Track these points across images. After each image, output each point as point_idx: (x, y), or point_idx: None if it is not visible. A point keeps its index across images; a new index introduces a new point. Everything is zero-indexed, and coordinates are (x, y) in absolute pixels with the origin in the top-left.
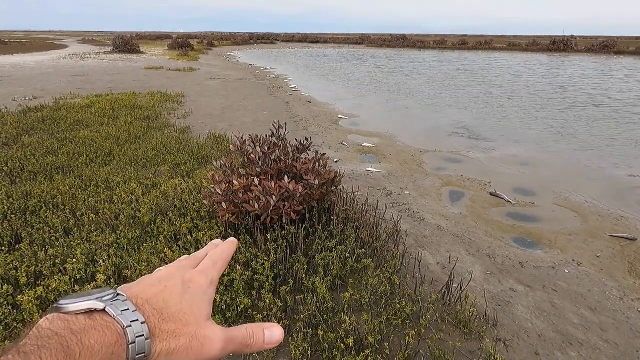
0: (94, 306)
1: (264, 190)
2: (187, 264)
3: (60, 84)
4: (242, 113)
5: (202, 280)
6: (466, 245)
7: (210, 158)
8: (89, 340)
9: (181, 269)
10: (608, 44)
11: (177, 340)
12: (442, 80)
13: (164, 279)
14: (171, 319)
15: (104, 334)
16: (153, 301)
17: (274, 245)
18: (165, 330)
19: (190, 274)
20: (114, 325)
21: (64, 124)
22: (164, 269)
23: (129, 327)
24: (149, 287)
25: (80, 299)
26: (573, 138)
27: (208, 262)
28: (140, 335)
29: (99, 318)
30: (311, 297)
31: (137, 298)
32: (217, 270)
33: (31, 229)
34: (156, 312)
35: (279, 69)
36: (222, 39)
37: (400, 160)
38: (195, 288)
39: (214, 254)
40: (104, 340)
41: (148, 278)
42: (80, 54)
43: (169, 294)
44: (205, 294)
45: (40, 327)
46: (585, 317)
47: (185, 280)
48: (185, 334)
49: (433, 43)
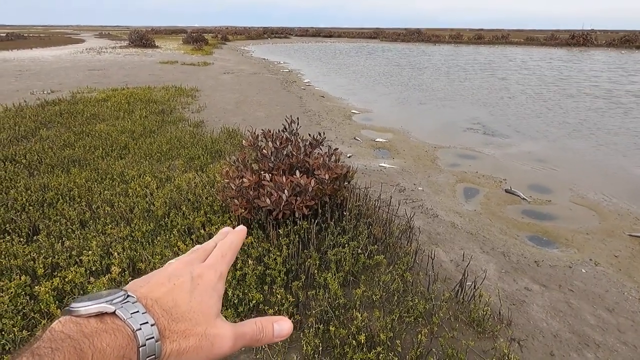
0: (105, 309)
1: (276, 185)
2: (195, 257)
3: (77, 78)
4: (255, 107)
5: (211, 275)
6: (480, 243)
7: (223, 152)
8: (101, 343)
9: (190, 264)
10: (629, 38)
11: (187, 341)
12: (457, 75)
13: (173, 276)
14: (181, 319)
15: (115, 337)
16: (162, 301)
17: (286, 240)
18: (175, 330)
19: (199, 269)
20: (124, 329)
21: (80, 118)
22: (174, 264)
23: (139, 330)
24: (158, 285)
25: (91, 302)
26: (590, 134)
27: (217, 255)
28: (150, 337)
29: (110, 321)
30: (323, 292)
31: (146, 299)
32: (226, 262)
33: (48, 220)
34: (165, 312)
35: (293, 63)
36: (236, 33)
37: (414, 156)
38: (204, 284)
39: (223, 245)
40: (115, 344)
41: (157, 275)
42: (97, 49)
43: (178, 293)
44: (215, 290)
45: (53, 330)
46: (602, 318)
47: (194, 277)
48: (195, 334)
49: (448, 37)
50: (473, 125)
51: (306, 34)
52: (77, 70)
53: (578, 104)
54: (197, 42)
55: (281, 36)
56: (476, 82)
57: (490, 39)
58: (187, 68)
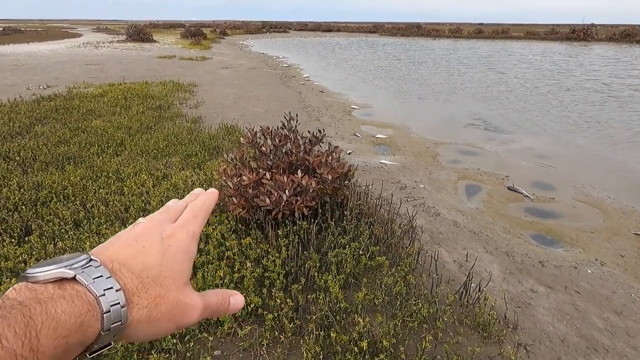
0: (63, 275)
1: (276, 185)
2: (165, 217)
3: (73, 73)
4: (254, 103)
5: (183, 236)
6: (483, 242)
7: (221, 149)
8: (55, 310)
9: (160, 224)
10: (630, 32)
11: (159, 308)
12: (457, 69)
13: (141, 236)
14: (152, 284)
15: (73, 303)
16: (131, 264)
17: (285, 241)
18: (145, 297)
19: (170, 229)
20: (85, 295)
21: (76, 114)
22: (141, 225)
23: (102, 295)
24: (125, 247)
25: (50, 267)
26: (590, 128)
27: (189, 215)
28: (115, 303)
29: (69, 287)
30: (323, 296)
31: (112, 262)
32: (199, 223)
33: (41, 220)
34: (134, 276)
35: (292, 58)
36: (234, 28)
37: (415, 153)
38: (175, 246)
39: (195, 205)
40: (72, 310)
41: (123, 235)
42: (94, 43)
43: (148, 255)
44: (187, 253)
45: (5, 297)
46: (610, 321)
47: (164, 237)
48: (166, 301)
49: (448, 32)
50: (474, 121)
51: (305, 29)
52: (73, 65)
53: (577, 98)
54: (195, 37)
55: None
56: (476, 76)
57: (490, 33)
58: (185, 63)
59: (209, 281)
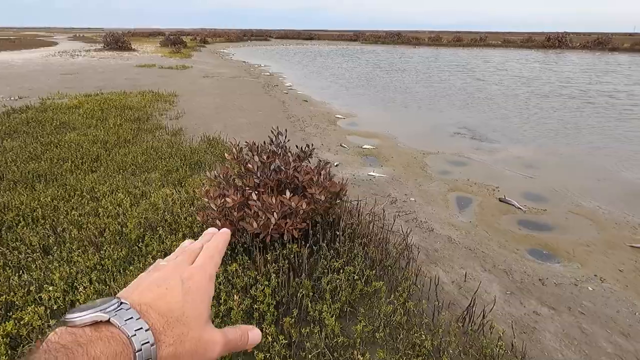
0: (99, 318)
1: (264, 206)
2: (183, 259)
3: (48, 83)
4: (237, 113)
5: (201, 278)
6: (480, 260)
7: (203, 163)
8: (95, 351)
9: (178, 267)
10: (602, 40)
11: (183, 346)
12: (438, 77)
13: (164, 279)
14: (176, 323)
15: (109, 344)
16: (156, 306)
17: (274, 267)
18: (171, 335)
19: (189, 271)
20: (119, 336)
21: (49, 126)
22: (162, 267)
23: (134, 335)
24: (150, 290)
25: (85, 312)
26: (574, 137)
27: (205, 257)
28: (145, 342)
29: (105, 329)
30: (318, 329)
31: (140, 305)
32: (215, 264)
33: (6, 248)
34: (160, 317)
35: (274, 66)
36: (215, 36)
37: (403, 163)
38: (195, 287)
39: (209, 246)
40: (109, 351)
41: (147, 279)
42: (70, 51)
43: (171, 297)
44: (206, 293)
45: (49, 341)
46: (619, 345)
47: (184, 279)
48: (190, 339)
49: (428, 40)
50: (459, 129)
51: (286, 37)
52: (48, 75)
53: (555, 104)
54: (175, 45)
55: (261, 39)
56: (457, 84)
57: (469, 41)
58: (165, 72)
59: None
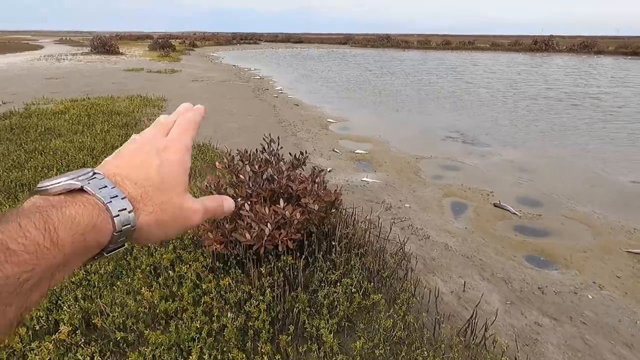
0: (72, 186)
1: (257, 217)
2: (157, 131)
3: (33, 88)
4: (227, 118)
5: (177, 149)
6: (478, 268)
7: (194, 170)
8: (69, 211)
9: (154, 139)
10: (588, 43)
11: (165, 213)
12: (427, 80)
13: (139, 151)
14: (154, 192)
15: (84, 207)
16: (132, 176)
17: (269, 280)
18: (150, 204)
19: (164, 142)
20: (94, 202)
21: (33, 133)
22: (137, 140)
23: (110, 202)
24: (125, 162)
25: (58, 180)
26: (563, 139)
27: (180, 129)
28: (122, 209)
29: (79, 196)
30: (316, 347)
31: (114, 175)
32: (190, 135)
33: None
34: (136, 186)
35: (264, 70)
36: (204, 39)
37: (397, 168)
38: (172, 158)
39: (184, 119)
40: (84, 212)
41: (122, 151)
42: (56, 55)
43: (147, 168)
44: (182, 164)
45: (22, 207)
46: (623, 357)
47: (160, 150)
48: (171, 206)
49: (417, 43)
50: (450, 133)
51: (276, 40)
52: (33, 79)
53: (543, 107)
54: (163, 49)
55: (250, 42)
56: (446, 87)
57: (458, 44)
58: (153, 76)
59: (184, 336)
